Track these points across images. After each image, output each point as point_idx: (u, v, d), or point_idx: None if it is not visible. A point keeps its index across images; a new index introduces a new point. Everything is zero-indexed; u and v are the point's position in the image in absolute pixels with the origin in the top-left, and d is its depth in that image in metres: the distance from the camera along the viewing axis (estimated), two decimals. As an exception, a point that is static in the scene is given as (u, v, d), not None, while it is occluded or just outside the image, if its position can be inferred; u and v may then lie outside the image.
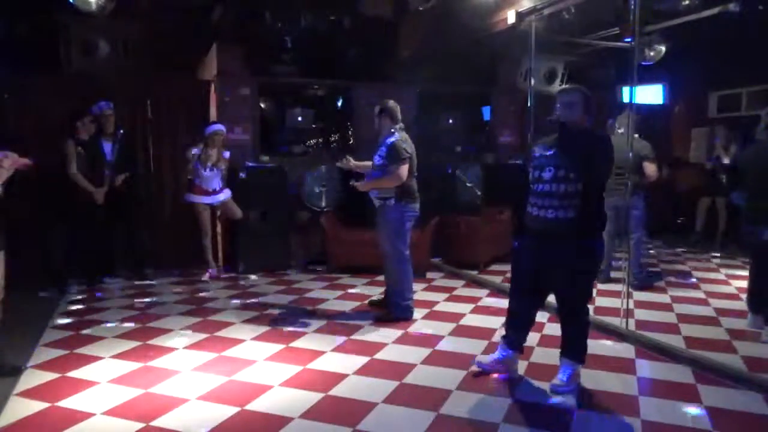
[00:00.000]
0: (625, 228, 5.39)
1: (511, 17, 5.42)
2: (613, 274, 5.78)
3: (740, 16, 5.61)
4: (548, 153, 3.25)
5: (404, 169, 4.48)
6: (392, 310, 4.72)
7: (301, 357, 3.83)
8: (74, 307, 5.11)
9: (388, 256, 4.64)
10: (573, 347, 3.38)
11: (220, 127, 6.20)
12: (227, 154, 6.23)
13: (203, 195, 6.12)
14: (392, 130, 4.59)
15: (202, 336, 4.28)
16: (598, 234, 3.26)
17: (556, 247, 3.19)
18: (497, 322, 4.59)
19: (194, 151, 6.07)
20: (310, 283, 6.07)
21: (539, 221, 3.22)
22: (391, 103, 4.66)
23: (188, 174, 6.16)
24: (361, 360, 3.76)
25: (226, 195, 6.23)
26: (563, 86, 3.36)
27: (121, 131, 6.05)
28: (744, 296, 4.74)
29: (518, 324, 3.52)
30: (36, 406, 3.09)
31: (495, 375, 3.49)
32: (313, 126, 7.69)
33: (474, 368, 3.57)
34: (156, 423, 2.90)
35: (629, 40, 4.32)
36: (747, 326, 4.29)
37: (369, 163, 4.83)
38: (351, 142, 7.53)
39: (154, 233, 6.67)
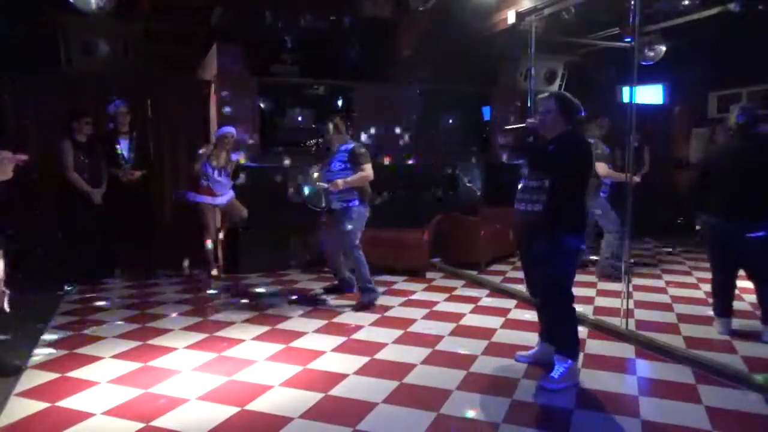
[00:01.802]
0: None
1: (511, 17, 5.43)
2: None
3: (740, 16, 5.62)
4: None
5: (371, 168, 5.01)
6: (365, 297, 5.11)
7: (301, 357, 3.83)
8: (74, 307, 5.11)
9: (349, 251, 5.08)
10: (559, 342, 3.44)
11: (230, 129, 6.11)
12: (236, 156, 6.15)
13: (208, 195, 6.03)
14: (346, 140, 5.14)
15: (202, 336, 4.28)
16: (568, 229, 3.28)
17: (529, 239, 3.45)
18: (497, 322, 4.59)
19: (201, 151, 5.99)
20: (310, 283, 6.07)
21: (517, 213, 3.47)
22: (338, 118, 5.24)
23: (196, 174, 6.01)
24: (361, 360, 3.76)
25: (229, 196, 6.18)
26: (541, 94, 3.52)
27: (134, 132, 6.14)
28: (745, 296, 4.75)
29: (539, 315, 3.74)
30: (36, 406, 3.09)
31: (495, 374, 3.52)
32: (313, 126, 7.69)
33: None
34: (156, 423, 2.90)
35: (629, 40, 4.31)
36: (717, 332, 4.21)
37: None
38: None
39: (154, 233, 6.67)
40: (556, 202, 3.26)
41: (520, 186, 3.50)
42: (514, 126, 3.45)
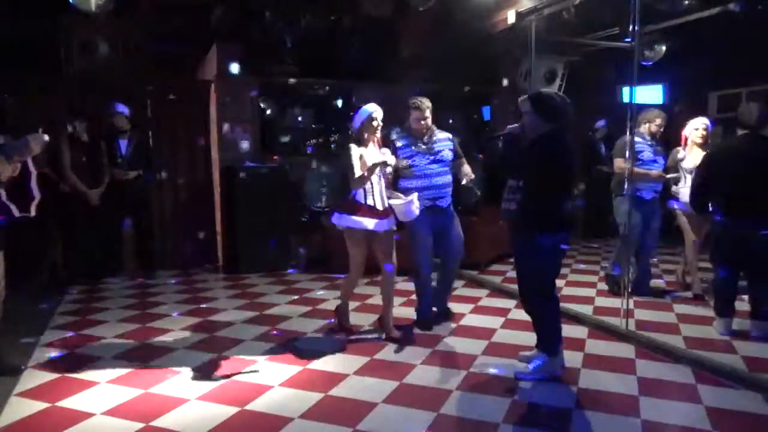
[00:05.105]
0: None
1: (511, 17, 5.44)
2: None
3: (740, 16, 5.61)
4: None
5: None
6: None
7: (301, 357, 3.83)
8: (74, 307, 5.11)
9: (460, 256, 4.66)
10: (538, 337, 3.50)
11: (374, 108, 3.98)
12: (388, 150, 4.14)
13: (365, 215, 3.88)
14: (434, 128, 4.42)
15: (202, 336, 4.28)
16: (541, 228, 3.27)
17: (510, 238, 3.61)
18: (497, 323, 4.59)
19: (352, 146, 3.92)
20: (310, 283, 6.06)
21: (501, 212, 3.50)
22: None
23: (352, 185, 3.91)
24: (361, 360, 3.76)
25: (391, 223, 4.04)
26: (521, 96, 3.51)
27: (134, 133, 6.14)
28: (745, 296, 4.74)
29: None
30: (36, 406, 3.09)
31: (497, 373, 3.52)
32: (313, 126, 7.70)
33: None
34: (156, 423, 2.90)
35: (629, 40, 4.31)
36: (717, 332, 4.20)
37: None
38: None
39: (154, 233, 6.68)
40: (529, 202, 3.29)
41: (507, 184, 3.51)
42: (497, 134, 3.49)
